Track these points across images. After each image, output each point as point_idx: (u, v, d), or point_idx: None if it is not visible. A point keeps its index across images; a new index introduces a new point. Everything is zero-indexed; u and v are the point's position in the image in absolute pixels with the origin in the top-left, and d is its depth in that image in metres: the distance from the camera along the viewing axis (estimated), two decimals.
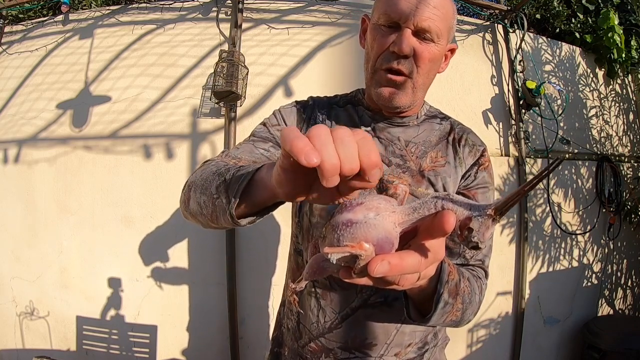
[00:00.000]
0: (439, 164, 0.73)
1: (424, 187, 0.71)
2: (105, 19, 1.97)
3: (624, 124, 2.55)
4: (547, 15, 2.42)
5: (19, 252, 1.92)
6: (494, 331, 2.07)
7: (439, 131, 0.77)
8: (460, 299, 0.59)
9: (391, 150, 0.74)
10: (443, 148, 0.75)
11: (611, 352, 1.93)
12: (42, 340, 1.90)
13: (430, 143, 0.75)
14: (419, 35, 0.65)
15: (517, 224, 2.10)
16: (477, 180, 0.74)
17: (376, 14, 0.68)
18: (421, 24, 0.64)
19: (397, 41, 0.65)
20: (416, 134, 0.75)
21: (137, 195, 1.84)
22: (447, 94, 2.04)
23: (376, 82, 0.70)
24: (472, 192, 0.73)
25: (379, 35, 0.67)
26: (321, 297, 0.74)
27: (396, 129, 0.76)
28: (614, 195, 2.33)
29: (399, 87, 0.68)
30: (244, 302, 1.83)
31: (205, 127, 1.86)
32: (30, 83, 1.98)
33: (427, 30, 0.65)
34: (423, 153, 0.74)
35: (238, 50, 1.79)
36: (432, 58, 0.67)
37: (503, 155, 2.10)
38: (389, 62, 0.66)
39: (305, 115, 0.79)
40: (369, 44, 0.71)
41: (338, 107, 0.81)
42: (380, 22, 0.67)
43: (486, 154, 0.77)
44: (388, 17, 0.65)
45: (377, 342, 0.72)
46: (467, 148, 0.75)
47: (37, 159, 1.91)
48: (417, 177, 0.71)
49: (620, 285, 2.48)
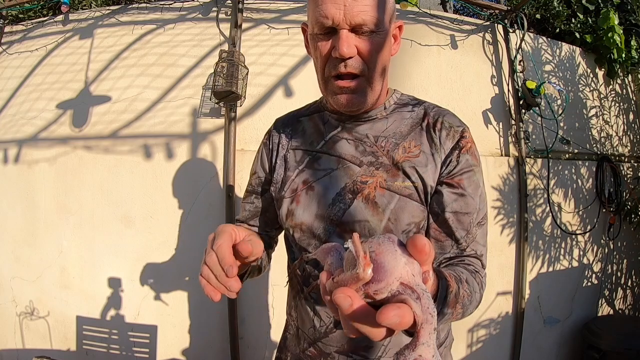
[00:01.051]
0: (413, 154, 0.69)
1: (400, 180, 0.68)
2: (105, 19, 1.97)
3: (624, 124, 2.55)
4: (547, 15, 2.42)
5: (19, 252, 1.92)
6: (494, 331, 2.07)
7: (410, 119, 0.73)
8: (459, 305, 0.56)
9: (361, 149, 0.72)
10: (416, 136, 0.71)
11: (611, 352, 1.93)
12: (42, 340, 1.90)
13: (401, 134, 0.71)
14: (357, 31, 0.63)
15: (517, 224, 2.10)
16: (460, 165, 0.68)
17: (310, 24, 0.67)
18: (354, 20, 0.61)
19: (336, 46, 0.62)
20: (385, 127, 0.72)
21: (137, 195, 1.84)
22: (447, 94, 2.04)
23: (330, 91, 0.68)
24: (456, 180, 0.68)
25: (318, 43, 0.65)
26: (316, 302, 0.74)
27: (363, 125, 0.73)
28: (614, 195, 2.33)
29: (354, 91, 0.66)
30: (244, 302, 1.83)
31: (205, 127, 1.86)
32: (30, 83, 1.98)
33: (362, 24, 0.62)
34: (394, 145, 0.70)
35: (238, 50, 1.79)
36: (377, 49, 0.64)
37: (503, 155, 2.10)
38: (336, 68, 0.64)
39: (271, 146, 0.83)
40: (313, 54, 0.69)
41: (304, 117, 0.82)
42: (315, 32, 0.65)
43: (467, 134, 0.71)
44: (321, 25, 0.63)
45: (373, 344, 0.71)
46: (444, 131, 0.70)
47: (37, 159, 1.91)
48: (393, 171, 0.69)
49: (620, 285, 2.48)
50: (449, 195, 0.68)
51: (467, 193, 0.68)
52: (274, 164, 0.80)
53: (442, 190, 0.68)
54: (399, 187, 0.68)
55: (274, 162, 0.80)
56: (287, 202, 0.75)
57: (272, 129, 0.85)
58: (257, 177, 0.84)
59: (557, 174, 2.23)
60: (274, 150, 0.81)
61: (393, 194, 0.68)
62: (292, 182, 0.76)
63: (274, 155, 0.81)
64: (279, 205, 0.77)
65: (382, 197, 0.68)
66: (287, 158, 0.79)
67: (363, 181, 0.69)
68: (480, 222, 0.70)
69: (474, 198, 0.69)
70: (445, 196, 0.68)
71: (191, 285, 1.84)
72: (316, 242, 0.72)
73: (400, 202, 0.67)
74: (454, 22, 2.12)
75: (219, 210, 1.83)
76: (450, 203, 0.68)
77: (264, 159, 0.83)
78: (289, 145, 0.80)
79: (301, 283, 0.77)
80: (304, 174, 0.75)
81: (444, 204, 0.68)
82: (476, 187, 0.70)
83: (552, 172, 2.20)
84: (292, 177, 0.76)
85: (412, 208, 0.68)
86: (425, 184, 0.68)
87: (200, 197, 1.83)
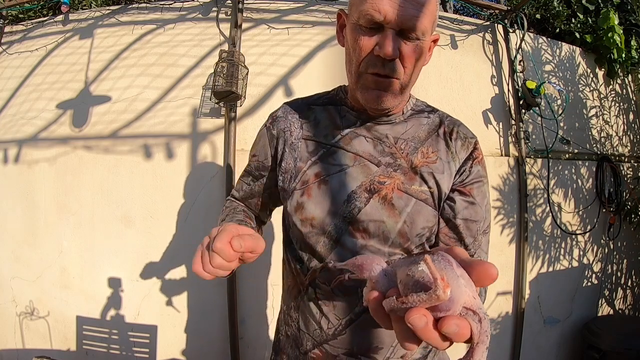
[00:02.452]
0: (431, 159, 0.70)
1: (417, 184, 0.69)
2: (105, 19, 1.97)
3: (624, 124, 2.55)
4: (547, 15, 2.42)
5: (19, 252, 1.92)
6: (494, 331, 2.07)
7: (427, 125, 0.74)
8: None
9: (380, 149, 0.71)
10: (433, 143, 0.72)
11: (611, 352, 1.93)
12: (42, 340, 1.90)
13: (419, 139, 0.72)
14: (403, 34, 0.61)
15: (517, 224, 2.10)
16: (472, 175, 0.72)
17: (355, 12, 0.63)
18: (406, 23, 0.59)
19: (381, 44, 0.60)
20: (404, 130, 0.73)
21: (137, 195, 1.84)
22: (447, 94, 2.04)
23: (362, 85, 0.66)
24: (467, 189, 0.71)
25: (360, 36, 0.62)
26: (323, 304, 0.72)
27: (383, 126, 0.73)
28: (614, 195, 2.33)
29: (387, 90, 0.65)
30: (244, 302, 1.83)
31: (205, 127, 1.86)
32: (30, 83, 1.98)
33: (412, 29, 0.60)
34: (414, 149, 0.71)
35: (238, 50, 1.79)
36: (418, 57, 0.64)
37: (503, 155, 2.10)
38: (375, 67, 0.63)
39: (275, 132, 0.78)
40: (350, 45, 0.66)
41: (317, 106, 0.79)
42: (360, 23, 0.62)
43: (478, 146, 0.74)
44: (370, 18, 0.60)
45: (382, 345, 0.71)
46: (459, 141, 0.73)
47: (37, 159, 1.91)
48: (410, 174, 0.69)
49: (620, 285, 2.48)
50: (460, 202, 0.71)
51: (476, 202, 0.71)
52: (282, 152, 0.76)
53: (455, 197, 0.71)
54: (416, 191, 0.69)
55: (281, 150, 0.77)
56: (297, 194, 0.72)
57: (278, 113, 0.81)
58: (257, 161, 0.82)
59: (557, 174, 2.23)
60: (279, 137, 0.78)
61: (410, 198, 0.68)
62: (303, 174, 0.73)
63: (280, 143, 0.77)
64: (287, 196, 0.74)
65: (399, 199, 0.68)
66: (298, 147, 0.75)
67: (381, 181, 0.69)
68: (485, 231, 0.73)
69: (481, 207, 0.72)
70: (457, 203, 0.71)
71: (191, 285, 1.84)
72: (325, 239, 0.70)
73: (416, 206, 0.68)
74: (454, 22, 2.12)
75: (219, 210, 1.82)
76: (462, 210, 0.70)
77: (265, 143, 0.80)
78: (300, 133, 0.76)
79: (305, 283, 0.75)
80: (316, 167, 0.72)
81: (456, 211, 0.70)
82: (483, 197, 0.73)
83: (552, 172, 2.20)
84: (304, 169, 0.73)
85: (427, 213, 0.69)
86: (440, 190, 0.69)
87: (200, 197, 1.84)
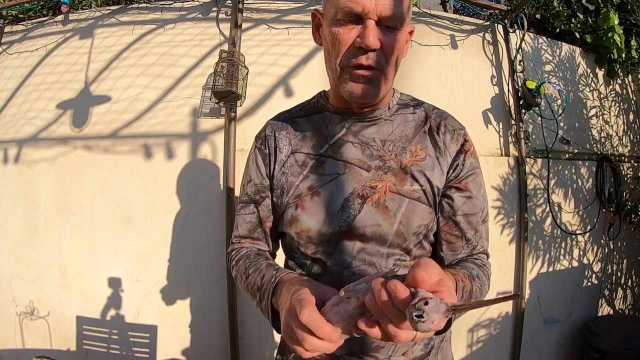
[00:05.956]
0: (420, 157, 0.71)
1: (408, 184, 0.69)
2: (105, 19, 1.97)
3: (624, 124, 2.55)
4: (547, 15, 2.42)
5: (19, 252, 1.92)
6: (494, 331, 2.07)
7: (413, 122, 0.74)
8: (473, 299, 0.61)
9: (368, 153, 0.71)
10: (421, 140, 0.72)
11: (611, 352, 1.93)
12: (42, 340, 1.90)
13: (406, 137, 0.72)
14: (381, 24, 0.62)
15: (517, 224, 2.10)
16: (465, 169, 0.72)
17: (332, 8, 0.64)
18: (385, 12, 0.60)
19: (362, 35, 0.61)
20: (391, 131, 0.73)
21: (137, 195, 1.84)
22: (447, 94, 2.04)
23: (345, 80, 0.66)
24: (463, 183, 0.71)
25: (339, 30, 0.63)
26: None
27: (370, 129, 0.73)
28: (614, 195, 2.33)
29: (370, 82, 0.65)
30: (244, 302, 1.83)
31: (205, 127, 1.86)
32: (30, 83, 1.98)
33: (391, 19, 0.61)
34: (402, 149, 0.71)
35: (238, 50, 1.79)
36: (399, 47, 0.65)
37: (503, 155, 2.10)
38: (357, 59, 0.63)
39: (267, 151, 0.78)
40: (329, 41, 0.66)
41: (300, 118, 0.79)
42: (338, 17, 0.62)
43: (468, 137, 0.74)
44: (348, 10, 0.60)
45: (384, 344, 0.70)
46: (448, 135, 0.72)
47: (37, 159, 1.91)
48: (400, 175, 0.69)
49: (620, 285, 2.49)
50: (458, 199, 0.71)
51: (473, 195, 0.72)
52: (273, 170, 0.76)
53: (452, 194, 0.71)
54: (408, 190, 0.69)
55: (272, 167, 0.76)
56: (291, 208, 0.73)
57: (265, 132, 0.80)
58: (254, 185, 0.78)
59: (557, 174, 2.23)
60: (271, 155, 0.77)
61: (403, 198, 0.69)
62: (296, 188, 0.73)
63: (272, 160, 0.77)
64: (281, 211, 0.74)
65: (392, 201, 0.68)
66: (288, 163, 0.75)
67: (372, 186, 0.69)
68: (485, 220, 0.75)
69: (478, 198, 0.73)
70: (456, 200, 0.71)
71: (191, 285, 1.84)
72: (324, 248, 0.71)
73: (410, 205, 0.69)
74: (454, 22, 2.12)
75: (219, 210, 1.82)
76: (461, 206, 0.71)
77: (259, 164, 0.78)
78: (288, 149, 0.76)
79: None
80: (308, 180, 0.72)
81: (455, 208, 0.71)
82: (479, 188, 0.74)
83: (552, 172, 2.20)
84: (296, 183, 0.73)
85: (421, 211, 0.69)
86: (432, 187, 0.70)
87: (200, 197, 1.84)
